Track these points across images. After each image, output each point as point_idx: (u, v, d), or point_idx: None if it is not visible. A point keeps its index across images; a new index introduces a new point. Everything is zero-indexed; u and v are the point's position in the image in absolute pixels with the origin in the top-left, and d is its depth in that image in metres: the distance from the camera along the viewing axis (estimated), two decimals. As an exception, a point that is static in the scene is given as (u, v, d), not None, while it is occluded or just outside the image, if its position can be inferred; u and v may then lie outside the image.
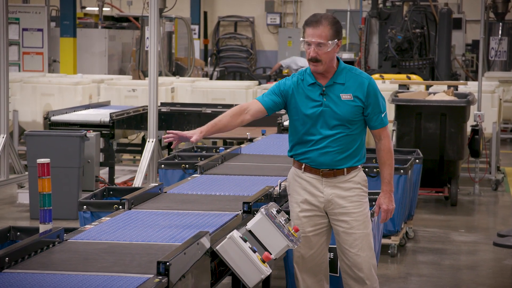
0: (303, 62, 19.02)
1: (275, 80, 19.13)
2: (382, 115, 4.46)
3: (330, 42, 4.31)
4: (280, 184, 5.20)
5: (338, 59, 4.45)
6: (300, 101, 4.42)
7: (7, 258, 3.54)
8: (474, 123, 9.92)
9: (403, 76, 13.53)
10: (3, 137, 9.20)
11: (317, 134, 4.41)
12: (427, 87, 11.42)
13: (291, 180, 4.53)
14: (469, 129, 9.75)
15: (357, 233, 4.42)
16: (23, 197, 8.99)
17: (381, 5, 15.60)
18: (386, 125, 4.50)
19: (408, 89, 10.75)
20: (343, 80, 4.40)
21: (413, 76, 13.54)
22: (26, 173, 8.98)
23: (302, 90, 4.42)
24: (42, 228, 4.06)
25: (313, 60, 4.34)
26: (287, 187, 4.57)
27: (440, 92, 9.91)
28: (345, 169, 4.44)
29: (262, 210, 4.04)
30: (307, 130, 4.42)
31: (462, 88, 10.88)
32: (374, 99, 4.42)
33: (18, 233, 4.29)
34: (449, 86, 10.36)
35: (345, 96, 4.39)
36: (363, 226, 4.44)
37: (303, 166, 4.45)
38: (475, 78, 16.33)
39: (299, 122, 4.44)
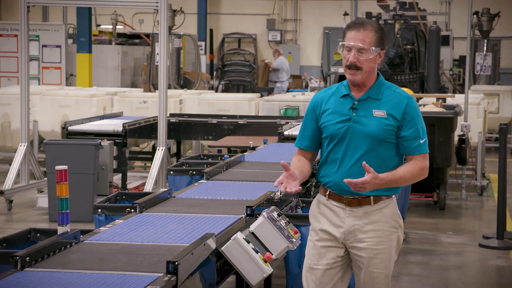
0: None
1: (274, 82, 19.11)
2: (421, 141, 3.66)
3: (373, 48, 3.63)
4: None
5: (378, 73, 3.76)
6: (327, 116, 3.72)
7: (27, 258, 3.55)
8: (461, 133, 9.92)
9: (395, 89, 13.52)
10: (24, 146, 9.21)
11: (342, 154, 3.68)
12: (418, 99, 11.42)
13: (313, 206, 3.85)
14: (456, 138, 9.75)
15: (375, 272, 3.72)
16: (43, 201, 8.99)
17: (374, 23, 15.57)
18: (426, 152, 3.69)
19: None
20: (379, 95, 3.69)
21: (404, 89, 13.52)
22: (45, 179, 8.99)
23: (332, 103, 3.72)
24: (60, 230, 4.05)
25: (352, 67, 3.64)
26: (309, 214, 3.90)
27: (429, 104, 9.91)
28: (372, 198, 3.67)
29: (264, 213, 4.04)
30: (331, 149, 3.71)
31: (450, 100, 10.88)
32: (412, 121, 3.66)
33: (38, 235, 4.30)
34: (437, 98, 10.36)
35: (377, 113, 3.66)
36: (383, 266, 3.71)
37: (327, 193, 3.75)
38: (462, 91, 16.31)
39: (326, 139, 3.73)
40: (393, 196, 3.75)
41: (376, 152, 3.66)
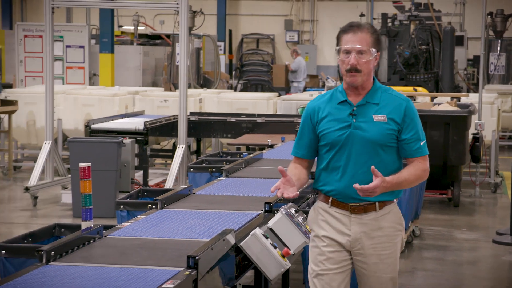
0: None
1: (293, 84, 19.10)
2: (421, 143, 3.56)
3: (372, 49, 3.55)
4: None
5: (374, 77, 3.64)
6: (326, 123, 3.58)
7: (52, 252, 3.57)
8: (475, 131, 9.87)
9: (410, 88, 13.48)
10: (48, 143, 9.25)
11: (345, 161, 3.55)
12: (432, 99, 11.38)
13: (312, 214, 3.70)
14: (470, 136, 9.71)
15: (382, 277, 3.62)
16: (67, 197, 9.05)
17: (390, 24, 15.57)
18: (427, 154, 3.60)
19: (414, 100, 10.71)
20: (377, 100, 3.57)
21: (419, 88, 13.49)
22: (69, 175, 9.03)
23: (329, 110, 3.59)
24: (84, 225, 4.07)
25: (352, 70, 3.51)
26: (309, 221, 3.75)
27: (444, 103, 9.87)
28: (377, 204, 3.57)
29: (282, 209, 4.04)
30: (332, 157, 3.57)
31: (464, 100, 10.84)
32: (412, 124, 3.56)
33: (62, 230, 4.32)
34: (452, 98, 10.32)
35: (378, 117, 3.54)
36: (390, 269, 3.63)
37: (330, 200, 3.61)
38: (476, 90, 16.23)
39: (326, 147, 3.59)
40: (395, 200, 3.67)
41: (379, 157, 3.54)
